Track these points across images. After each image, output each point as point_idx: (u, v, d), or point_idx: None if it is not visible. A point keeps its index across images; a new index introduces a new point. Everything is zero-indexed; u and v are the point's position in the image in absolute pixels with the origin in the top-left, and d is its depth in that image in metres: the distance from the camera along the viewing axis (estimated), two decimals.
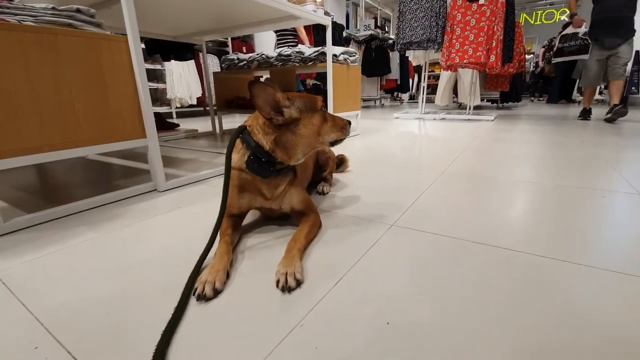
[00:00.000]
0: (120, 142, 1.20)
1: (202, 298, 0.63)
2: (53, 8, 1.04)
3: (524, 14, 11.14)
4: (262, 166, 0.83)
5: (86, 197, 1.18)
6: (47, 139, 1.02)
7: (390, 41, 6.01)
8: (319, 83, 5.53)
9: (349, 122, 0.94)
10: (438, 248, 0.83)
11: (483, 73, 4.94)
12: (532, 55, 8.43)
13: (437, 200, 1.18)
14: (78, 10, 1.08)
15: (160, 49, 2.78)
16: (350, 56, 2.67)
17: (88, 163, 1.98)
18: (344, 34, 5.95)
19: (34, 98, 0.98)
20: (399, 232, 0.92)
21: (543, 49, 7.43)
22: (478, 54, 3.34)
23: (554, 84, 6.79)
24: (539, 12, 11.18)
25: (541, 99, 7.67)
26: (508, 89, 5.24)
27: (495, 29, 3.26)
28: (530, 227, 0.94)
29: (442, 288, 0.66)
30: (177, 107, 4.79)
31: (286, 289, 0.65)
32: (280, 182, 0.89)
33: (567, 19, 7.08)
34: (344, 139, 0.93)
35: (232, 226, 0.86)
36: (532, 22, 11.22)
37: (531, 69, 8.25)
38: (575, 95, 6.70)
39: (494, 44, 3.26)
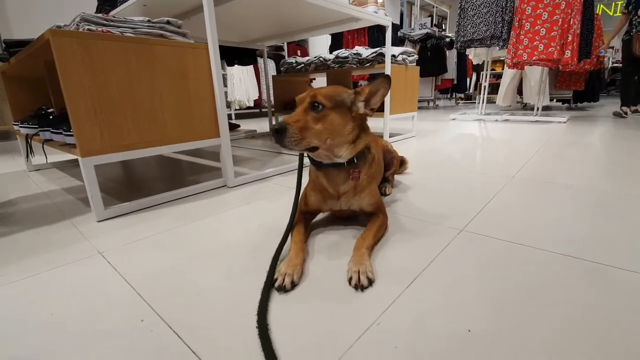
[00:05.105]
0: (199, 140, 1.31)
1: (282, 289, 0.66)
2: (148, 20, 1.16)
3: (602, 5, 10.03)
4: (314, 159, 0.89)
5: (165, 190, 1.31)
6: (142, 136, 1.14)
7: (447, 39, 5.77)
8: None
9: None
10: (513, 256, 0.78)
11: (553, 70, 4.53)
12: (611, 49, 7.53)
13: (508, 206, 1.11)
14: (168, 22, 1.20)
15: (226, 55, 2.97)
16: (409, 56, 2.61)
17: (161, 158, 2.18)
18: (399, 34, 5.84)
19: (133, 100, 1.11)
20: (470, 237, 0.89)
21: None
22: (550, 49, 3.07)
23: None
24: (619, 2, 9.98)
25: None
26: (583, 87, 4.73)
27: (571, 22, 2.98)
28: (614, 239, 0.85)
29: (522, 297, 0.62)
30: (235, 109, 5.06)
31: (359, 287, 0.67)
32: (337, 175, 0.89)
33: None
34: None
35: (305, 223, 0.91)
36: (611, 14, 10.05)
37: (610, 64, 7.37)
38: None
39: (569, 38, 2.98)
